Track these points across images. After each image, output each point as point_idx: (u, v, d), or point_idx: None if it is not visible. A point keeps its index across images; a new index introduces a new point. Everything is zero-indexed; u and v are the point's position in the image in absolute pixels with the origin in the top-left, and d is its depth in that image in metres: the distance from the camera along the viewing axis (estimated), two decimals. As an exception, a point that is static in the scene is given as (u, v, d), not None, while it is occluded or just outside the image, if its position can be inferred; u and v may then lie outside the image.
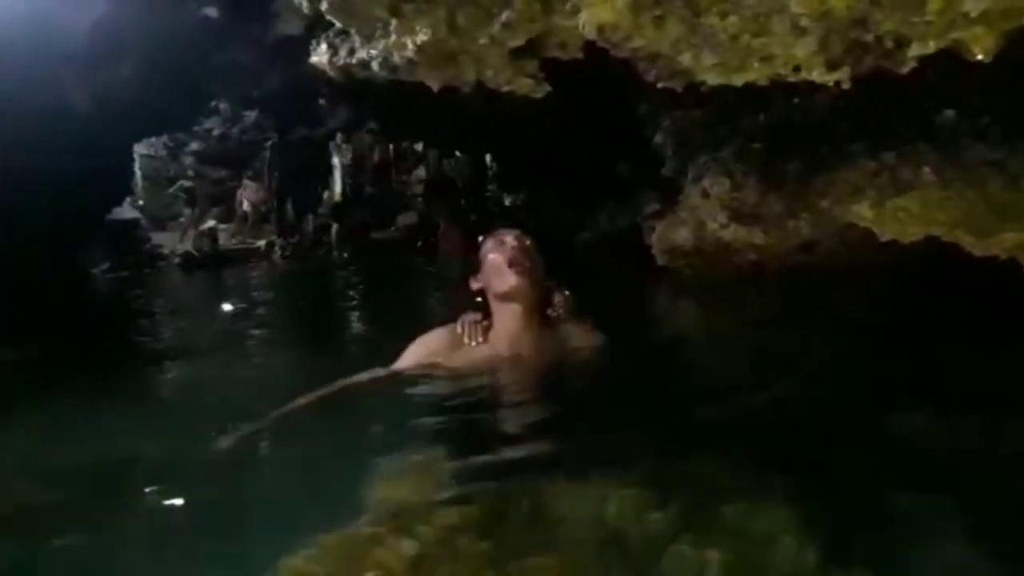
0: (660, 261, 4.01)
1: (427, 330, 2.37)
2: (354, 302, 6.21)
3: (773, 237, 3.47)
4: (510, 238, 2.30)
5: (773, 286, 3.53)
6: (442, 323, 2.40)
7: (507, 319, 2.28)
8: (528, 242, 2.31)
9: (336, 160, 11.51)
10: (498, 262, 2.25)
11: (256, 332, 4.53)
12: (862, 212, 2.57)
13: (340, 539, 1.38)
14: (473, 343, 2.29)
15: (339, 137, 11.28)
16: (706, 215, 3.62)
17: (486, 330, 2.31)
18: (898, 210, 2.42)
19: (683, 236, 3.77)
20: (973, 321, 2.48)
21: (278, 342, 4.21)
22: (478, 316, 2.34)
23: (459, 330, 2.33)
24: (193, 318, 5.79)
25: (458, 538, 1.38)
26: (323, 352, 3.78)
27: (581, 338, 2.37)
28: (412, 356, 2.33)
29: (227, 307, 5.70)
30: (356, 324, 5.03)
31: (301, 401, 2.18)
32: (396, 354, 2.35)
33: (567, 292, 2.38)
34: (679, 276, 3.92)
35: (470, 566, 1.31)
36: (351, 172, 11.41)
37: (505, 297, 2.25)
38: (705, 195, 3.59)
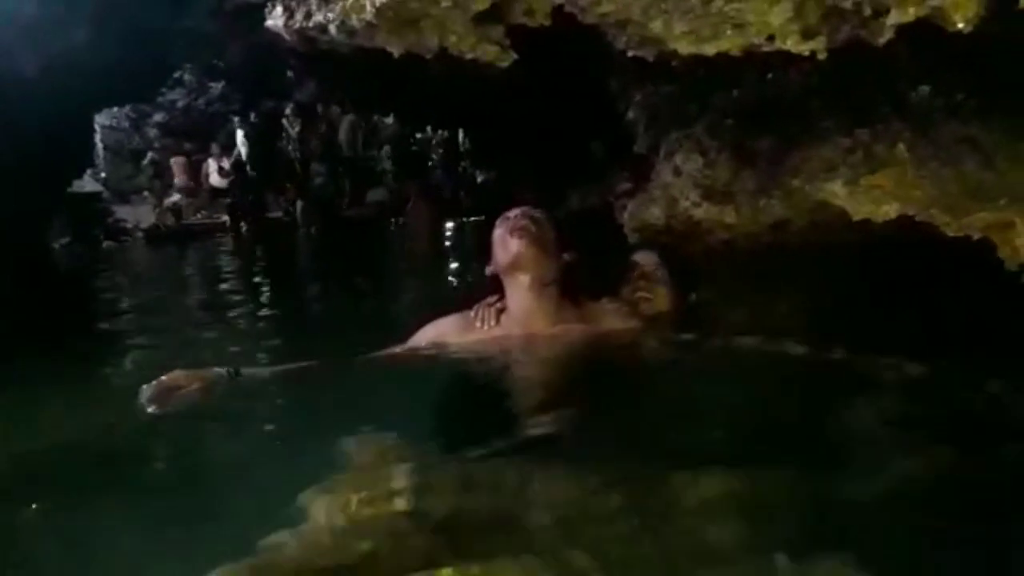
0: (631, 239, 3.94)
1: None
2: (317, 278, 6.12)
3: (744, 216, 3.41)
4: (516, 211, 2.20)
5: (743, 265, 3.49)
6: (456, 310, 2.32)
7: (517, 293, 2.16)
8: (537, 214, 2.20)
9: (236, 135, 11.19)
10: (502, 234, 2.15)
11: (217, 307, 4.43)
12: (835, 190, 2.51)
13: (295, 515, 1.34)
14: (486, 326, 2.18)
15: (290, 109, 11.02)
16: (678, 193, 3.55)
17: (500, 312, 2.20)
18: (872, 187, 2.36)
19: (655, 214, 3.70)
20: (945, 304, 2.45)
21: (240, 317, 4.11)
22: (492, 299, 2.24)
23: (472, 314, 2.23)
24: (155, 294, 5.67)
25: (412, 533, 1.32)
26: (289, 328, 3.71)
27: (615, 320, 2.25)
28: (421, 337, 2.25)
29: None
30: (319, 300, 4.94)
31: (302, 364, 2.13)
32: (402, 335, 2.30)
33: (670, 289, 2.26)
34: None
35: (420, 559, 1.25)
36: (301, 147, 11.17)
37: (511, 267, 2.13)
38: (677, 172, 3.51)
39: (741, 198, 3.31)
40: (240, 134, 11.18)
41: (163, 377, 1.91)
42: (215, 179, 11.62)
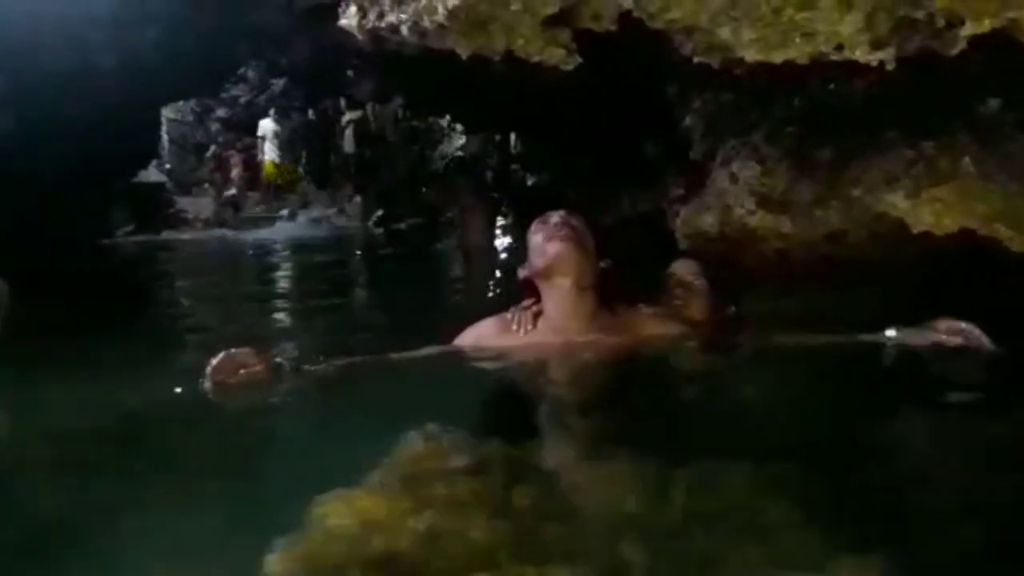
0: (683, 246, 3.93)
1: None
2: (369, 271, 6.25)
3: (800, 226, 3.39)
4: (555, 215, 2.22)
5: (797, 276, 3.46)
6: (493, 313, 2.36)
7: (555, 298, 2.16)
8: (575, 219, 2.21)
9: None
10: (540, 238, 2.17)
11: (272, 296, 4.55)
12: (896, 201, 2.50)
13: (347, 505, 1.36)
14: (522, 331, 2.20)
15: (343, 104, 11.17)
16: (733, 200, 3.54)
17: (536, 316, 2.22)
18: (934, 200, 2.34)
19: (708, 221, 3.69)
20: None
21: (294, 307, 4.22)
22: (529, 303, 2.25)
23: (509, 317, 2.24)
24: (210, 282, 5.86)
25: (471, 515, 1.35)
26: (340, 318, 3.80)
27: (652, 325, 2.26)
28: (461, 340, 2.29)
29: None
30: (371, 293, 5.04)
31: (344, 361, 2.20)
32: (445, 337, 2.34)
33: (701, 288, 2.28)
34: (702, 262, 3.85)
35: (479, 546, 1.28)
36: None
37: (550, 270, 2.13)
38: (733, 179, 3.50)
39: (798, 207, 3.29)
40: (269, 129, 11.25)
41: (232, 350, 1.95)
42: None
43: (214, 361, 1.93)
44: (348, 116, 11.34)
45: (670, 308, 2.34)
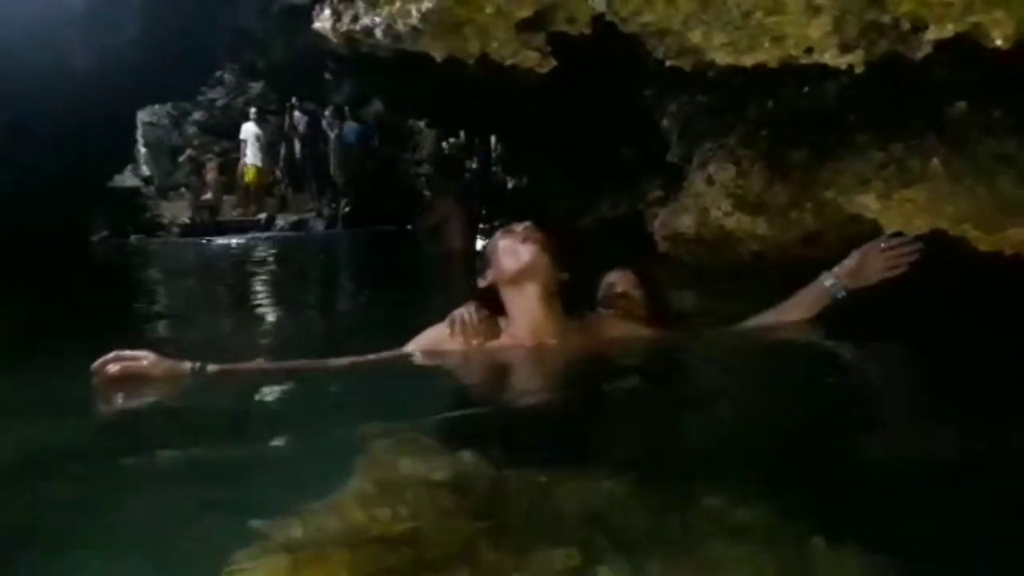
0: (661, 248, 3.97)
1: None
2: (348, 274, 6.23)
3: (776, 227, 3.43)
4: (522, 224, 2.19)
5: (773, 276, 3.50)
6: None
7: (526, 304, 2.13)
8: (541, 228, 2.20)
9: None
10: (510, 244, 2.13)
11: (247, 300, 4.53)
12: (868, 203, 2.53)
13: (326, 509, 1.33)
14: (468, 344, 2.13)
15: (329, 111, 11.19)
16: (710, 202, 3.58)
17: (484, 321, 2.16)
18: (905, 202, 2.38)
19: (686, 223, 3.73)
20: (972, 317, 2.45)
21: (269, 311, 4.21)
22: (471, 306, 2.18)
23: (447, 326, 2.16)
24: (187, 286, 5.81)
25: (452, 515, 1.35)
26: (317, 322, 3.78)
27: (615, 327, 2.28)
28: (417, 343, 2.24)
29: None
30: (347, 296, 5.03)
31: (302, 363, 2.16)
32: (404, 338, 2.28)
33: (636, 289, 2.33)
34: (678, 264, 3.89)
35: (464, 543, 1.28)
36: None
37: (520, 276, 2.11)
38: (710, 182, 3.54)
39: (773, 209, 3.33)
40: (251, 133, 11.16)
41: (126, 352, 1.95)
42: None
43: (104, 359, 1.92)
44: (298, 116, 11.39)
45: (619, 313, 2.37)
